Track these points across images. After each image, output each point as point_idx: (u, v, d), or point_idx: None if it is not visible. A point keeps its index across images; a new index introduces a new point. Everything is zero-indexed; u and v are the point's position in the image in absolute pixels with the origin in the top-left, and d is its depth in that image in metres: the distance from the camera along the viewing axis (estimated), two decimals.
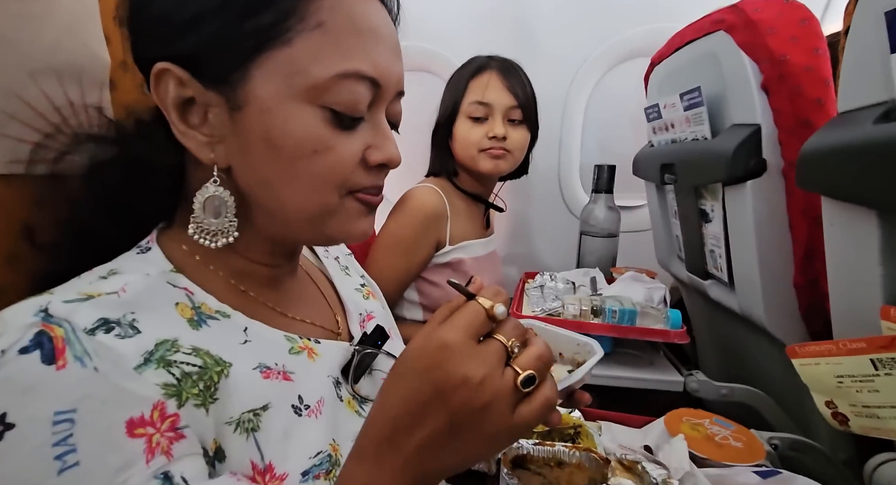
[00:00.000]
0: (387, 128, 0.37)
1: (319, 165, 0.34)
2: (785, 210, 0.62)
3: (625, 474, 0.41)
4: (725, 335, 0.90)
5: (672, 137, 0.86)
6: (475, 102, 0.92)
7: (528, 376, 0.28)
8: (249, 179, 0.35)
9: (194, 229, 0.35)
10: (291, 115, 0.33)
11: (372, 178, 0.37)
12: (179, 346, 0.30)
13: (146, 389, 0.27)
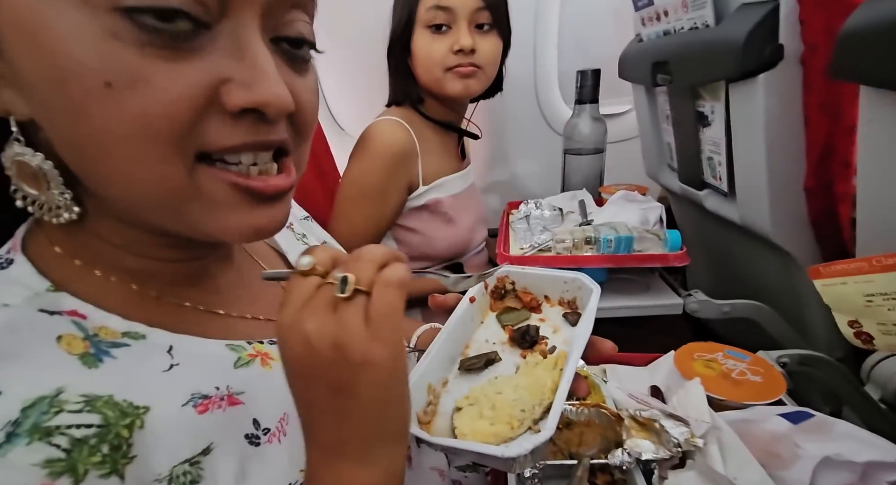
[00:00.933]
0: (259, 50, 0.24)
1: (126, 107, 0.21)
2: (800, 106, 0.54)
3: (641, 433, 0.38)
4: (720, 249, 0.86)
5: (665, 28, 0.73)
6: (433, 7, 0.75)
7: (340, 279, 0.23)
8: (54, 138, 0.24)
9: (27, 204, 0.26)
10: (64, 27, 0.21)
11: (240, 133, 0.24)
12: (63, 402, 0.22)
13: (18, 476, 0.20)
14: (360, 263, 0.24)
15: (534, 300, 0.42)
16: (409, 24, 0.77)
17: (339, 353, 0.22)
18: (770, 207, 0.61)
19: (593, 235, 0.70)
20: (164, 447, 0.24)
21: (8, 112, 0.24)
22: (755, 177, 0.61)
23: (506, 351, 0.39)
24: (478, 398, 0.34)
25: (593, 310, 0.36)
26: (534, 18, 1.07)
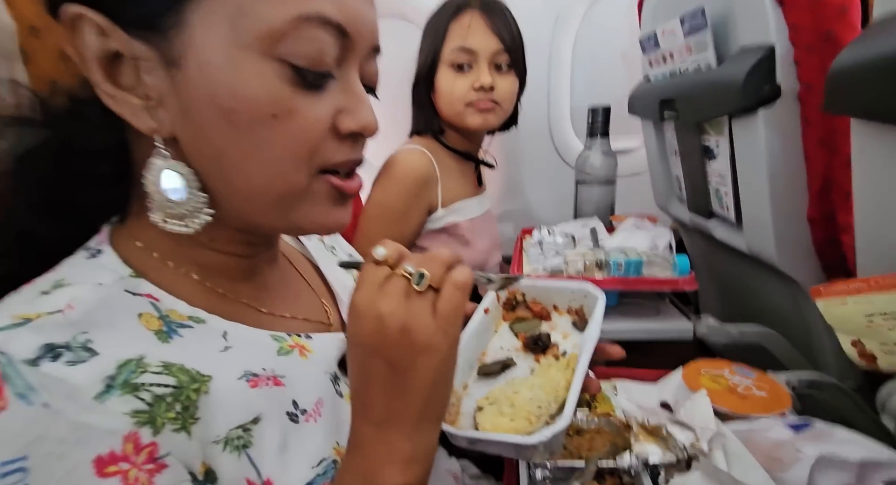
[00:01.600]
0: (360, 89, 0.31)
1: (282, 133, 0.28)
2: (800, 140, 0.57)
3: (649, 440, 0.39)
4: (729, 277, 0.88)
5: (671, 70, 0.79)
6: (457, 49, 0.82)
7: (418, 275, 0.27)
8: (200, 151, 0.29)
9: (160, 215, 0.30)
10: (242, 71, 0.27)
11: (345, 150, 0.31)
12: (147, 365, 0.26)
13: (112, 420, 0.23)
14: (432, 262, 0.28)
15: (543, 310, 0.45)
16: (435, 63, 0.85)
17: (406, 336, 0.26)
18: (775, 237, 0.63)
19: (603, 259, 0.73)
20: (223, 413, 0.27)
21: (153, 131, 0.28)
22: (760, 207, 0.64)
23: (520, 357, 0.42)
24: (497, 398, 0.36)
25: (600, 315, 0.38)
26: (548, 59, 1.15)
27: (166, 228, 0.30)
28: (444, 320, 0.27)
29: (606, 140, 1.00)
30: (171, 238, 0.31)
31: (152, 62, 0.27)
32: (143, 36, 0.27)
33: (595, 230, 0.92)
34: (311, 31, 0.27)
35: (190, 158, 0.29)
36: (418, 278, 0.27)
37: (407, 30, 1.11)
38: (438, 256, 0.29)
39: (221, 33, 0.26)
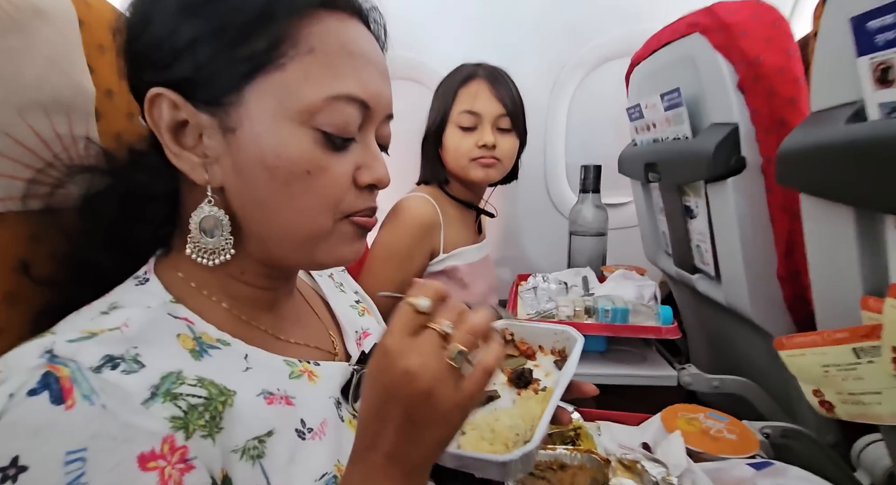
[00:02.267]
0: (376, 149, 0.38)
1: (314, 186, 0.34)
2: (766, 206, 0.64)
3: (625, 474, 0.42)
4: (714, 328, 0.92)
5: (654, 137, 0.88)
6: (464, 112, 0.92)
7: (456, 351, 0.29)
8: (244, 199, 0.35)
9: (192, 249, 0.35)
10: (285, 137, 0.33)
11: (363, 199, 0.37)
12: (184, 378, 0.30)
13: (155, 423, 0.27)
14: (468, 334, 0.30)
15: (529, 349, 0.49)
16: (444, 123, 0.94)
17: (428, 400, 0.29)
18: (749, 292, 0.69)
19: (592, 306, 0.78)
20: (242, 425, 0.32)
21: (206, 182, 0.35)
22: (735, 265, 0.70)
23: (504, 390, 0.45)
24: (479, 425, 0.40)
25: (577, 355, 0.43)
26: (545, 121, 1.26)
27: (196, 260, 0.35)
28: (467, 400, 0.30)
29: (598, 195, 1.08)
30: (206, 270, 0.37)
31: (213, 129, 0.34)
32: (208, 109, 0.34)
33: (587, 279, 0.98)
34: (340, 107, 0.34)
35: (234, 206, 0.35)
36: (458, 356, 0.29)
37: (417, 90, 1.23)
38: (475, 323, 0.31)
39: (271, 108, 0.33)
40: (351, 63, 0.35)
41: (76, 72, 0.44)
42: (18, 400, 0.25)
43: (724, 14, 0.63)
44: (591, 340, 0.81)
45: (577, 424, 0.54)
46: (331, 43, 0.34)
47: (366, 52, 0.36)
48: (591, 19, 1.17)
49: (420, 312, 0.31)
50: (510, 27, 1.21)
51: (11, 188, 0.37)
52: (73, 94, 0.43)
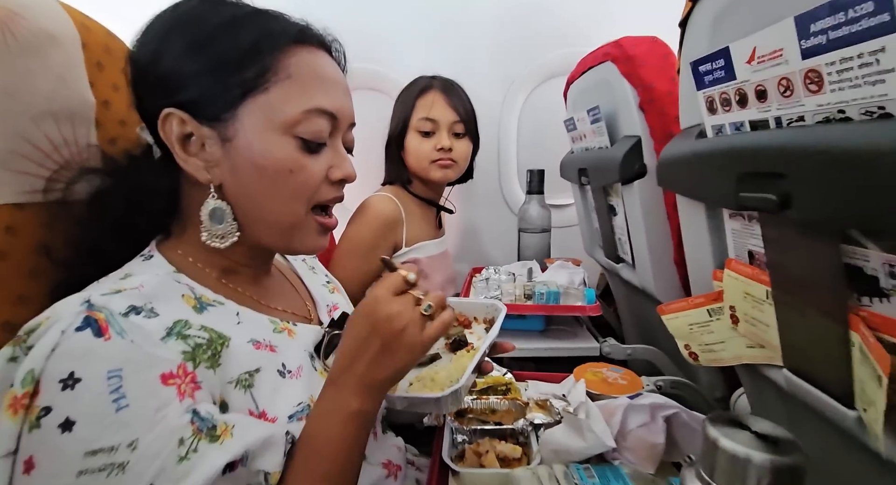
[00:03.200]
0: (343, 151, 0.49)
1: (295, 181, 0.45)
2: (663, 204, 0.79)
3: (539, 410, 0.54)
4: (637, 308, 1.07)
5: (585, 146, 1.02)
6: (423, 118, 1.04)
7: (427, 305, 0.42)
8: (238, 194, 0.45)
9: (207, 236, 0.45)
10: (271, 144, 0.43)
11: (334, 190, 0.48)
12: (190, 324, 0.40)
13: (171, 354, 0.37)
14: (436, 299, 0.42)
15: (466, 320, 0.60)
16: (405, 128, 1.06)
17: (402, 334, 0.40)
18: (653, 275, 0.83)
19: (532, 290, 0.91)
20: (236, 362, 0.41)
21: (209, 181, 0.44)
22: (643, 253, 0.84)
23: (444, 353, 0.57)
24: (423, 377, 0.51)
25: (500, 321, 0.54)
26: (498, 128, 1.39)
27: (210, 245, 0.45)
28: (428, 338, 0.41)
29: (542, 196, 1.22)
30: (202, 249, 0.46)
31: (213, 139, 0.44)
32: (209, 124, 0.43)
33: (531, 269, 1.11)
34: (314, 118, 0.44)
35: (231, 199, 0.45)
36: (427, 307, 0.41)
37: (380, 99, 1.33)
38: (440, 296, 0.43)
39: (259, 122, 0.43)
40: (320, 84, 0.45)
41: (80, 86, 0.52)
42: (68, 335, 0.34)
43: (628, 47, 0.77)
44: (530, 319, 0.94)
45: (508, 381, 0.66)
46: (304, 70, 0.44)
47: (331, 75, 0.47)
48: (535, 41, 1.31)
49: (406, 281, 0.42)
50: (464, 44, 1.34)
51: (30, 184, 0.46)
52: (77, 104, 0.51)
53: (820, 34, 0.34)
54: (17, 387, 0.32)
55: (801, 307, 0.43)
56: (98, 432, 0.32)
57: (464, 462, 0.50)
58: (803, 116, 0.38)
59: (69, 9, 0.51)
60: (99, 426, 0.33)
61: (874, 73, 0.31)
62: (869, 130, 0.31)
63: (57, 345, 0.33)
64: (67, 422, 0.32)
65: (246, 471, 0.38)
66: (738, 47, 0.43)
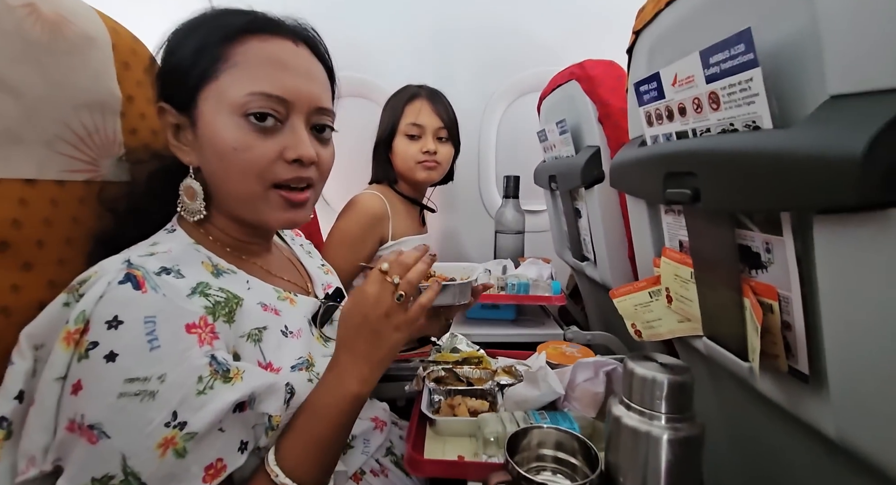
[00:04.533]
0: (302, 132, 0.50)
1: (241, 160, 0.48)
2: (619, 205, 0.90)
3: (505, 375, 0.63)
4: (601, 301, 1.18)
5: (555, 155, 1.13)
6: (411, 124, 1.14)
7: (399, 295, 0.48)
8: (207, 172, 0.51)
9: (182, 210, 0.52)
10: (222, 125, 0.48)
11: (292, 170, 0.50)
12: (210, 286, 0.47)
13: (195, 307, 0.44)
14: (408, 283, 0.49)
15: (445, 279, 0.69)
16: (393, 132, 1.15)
17: (387, 318, 0.48)
18: (610, 270, 0.94)
19: (504, 283, 1.00)
20: (248, 319, 0.49)
21: (190, 163, 0.51)
22: (602, 250, 0.95)
23: None
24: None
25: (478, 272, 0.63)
26: (478, 137, 1.50)
27: (185, 218, 0.52)
28: (411, 320, 0.49)
29: (517, 201, 1.32)
30: (210, 226, 0.54)
31: (186, 126, 0.50)
32: (183, 112, 0.50)
33: (506, 266, 1.20)
34: (258, 101, 0.48)
35: (206, 179, 0.51)
36: (399, 296, 0.48)
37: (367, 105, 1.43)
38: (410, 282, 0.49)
39: (212, 106, 0.48)
40: (268, 70, 0.49)
41: (110, 82, 0.59)
42: (113, 286, 0.41)
43: (589, 68, 0.89)
44: (503, 309, 1.04)
45: (480, 355, 0.75)
46: (251, 57, 0.49)
47: (282, 61, 0.50)
48: (511, 59, 1.43)
49: (382, 271, 0.49)
50: (447, 60, 1.45)
51: (70, 164, 0.53)
52: (107, 98, 0.59)
53: (715, 65, 0.45)
54: (71, 324, 0.39)
55: (711, 282, 0.53)
56: (135, 364, 0.40)
57: (439, 414, 0.59)
58: (710, 128, 0.49)
59: (103, 15, 0.58)
60: (136, 360, 0.40)
61: (748, 96, 0.41)
62: (746, 139, 0.42)
63: (104, 293, 0.41)
64: (111, 354, 0.39)
65: (252, 413, 0.46)
66: (665, 73, 0.54)
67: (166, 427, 0.39)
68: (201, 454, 0.41)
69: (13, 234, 0.45)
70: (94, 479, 0.38)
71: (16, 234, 0.45)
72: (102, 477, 0.38)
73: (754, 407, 0.55)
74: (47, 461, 0.39)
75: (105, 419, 0.38)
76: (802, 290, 0.41)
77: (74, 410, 0.39)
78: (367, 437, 0.60)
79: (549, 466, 0.45)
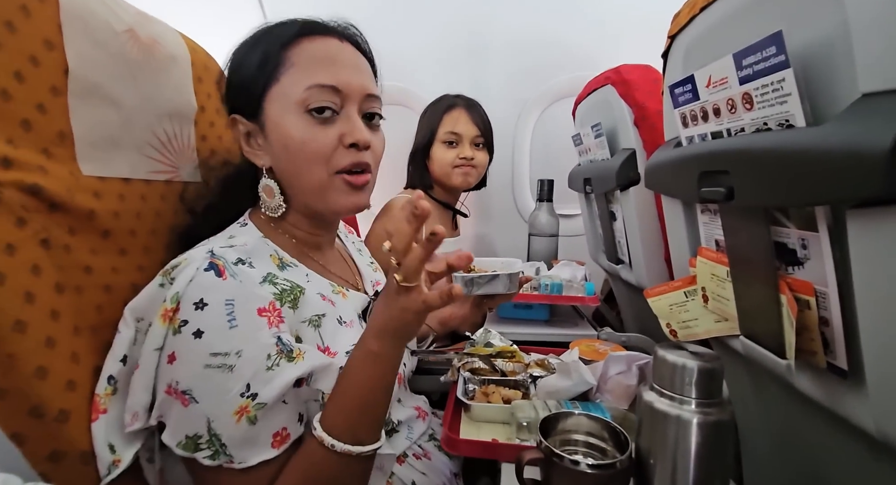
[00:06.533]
0: (356, 119, 0.54)
1: (308, 149, 0.53)
2: (655, 207, 0.90)
3: (538, 368, 0.65)
4: (636, 305, 1.17)
5: (590, 158, 1.15)
6: (449, 132, 1.20)
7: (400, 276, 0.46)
8: (279, 170, 0.56)
9: (264, 208, 0.58)
10: (288, 124, 0.53)
11: (350, 156, 0.54)
12: (277, 276, 0.53)
13: (266, 293, 0.49)
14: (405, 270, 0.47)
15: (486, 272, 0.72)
16: (431, 139, 1.21)
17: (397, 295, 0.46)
18: (646, 272, 0.94)
19: (538, 283, 1.02)
20: (309, 307, 0.54)
21: (263, 165, 0.57)
22: (638, 253, 0.95)
23: None
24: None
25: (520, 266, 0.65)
26: (512, 143, 1.53)
27: (266, 214, 0.57)
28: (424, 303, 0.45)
29: (551, 204, 1.34)
30: (282, 221, 0.59)
31: (257, 131, 0.56)
32: (253, 120, 0.56)
33: (539, 269, 1.22)
34: (317, 93, 0.52)
35: (278, 177, 0.57)
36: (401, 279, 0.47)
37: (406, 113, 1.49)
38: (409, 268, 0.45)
39: (278, 107, 0.54)
40: (320, 65, 0.54)
41: (188, 94, 0.67)
42: (199, 273, 0.47)
43: (625, 72, 0.90)
44: (536, 309, 1.05)
45: (513, 349, 0.77)
46: (305, 56, 0.54)
47: (332, 55, 0.55)
48: (545, 66, 1.46)
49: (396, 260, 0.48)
50: (482, 68, 1.49)
51: (155, 166, 0.60)
52: (185, 108, 0.66)
53: (748, 67, 0.46)
54: (168, 303, 0.46)
55: (747, 280, 0.54)
56: (217, 340, 0.45)
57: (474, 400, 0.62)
58: (744, 128, 0.50)
59: (184, 36, 0.66)
60: (218, 337, 0.45)
61: (781, 96, 0.43)
62: (779, 137, 0.43)
63: (192, 278, 0.47)
64: (198, 331, 0.45)
65: (308, 389, 0.50)
66: (700, 75, 0.55)
67: (241, 397, 0.45)
68: (269, 422, 0.46)
69: (114, 224, 0.52)
70: (187, 436, 0.44)
71: (116, 224, 0.52)
72: (193, 435, 0.44)
73: (794, 406, 0.55)
74: (153, 417, 0.46)
75: (194, 386, 0.44)
76: (839, 285, 0.42)
77: (171, 376, 0.45)
78: (411, 424, 0.64)
79: (580, 449, 0.47)
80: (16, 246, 0.41)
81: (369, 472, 0.50)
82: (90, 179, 0.51)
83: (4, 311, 0.39)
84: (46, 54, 0.45)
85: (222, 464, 0.44)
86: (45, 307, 0.43)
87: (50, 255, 0.44)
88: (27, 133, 0.44)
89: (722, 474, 0.41)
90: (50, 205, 0.45)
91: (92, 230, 0.50)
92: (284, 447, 0.47)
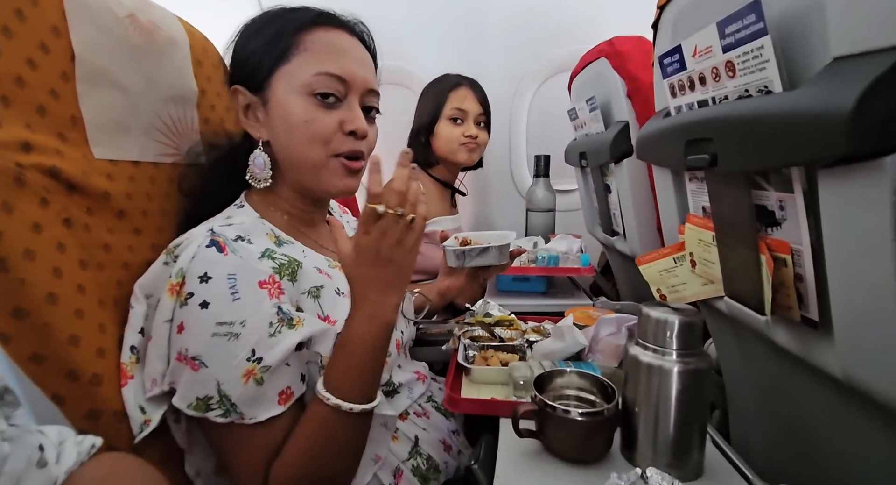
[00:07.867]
0: (357, 109, 0.58)
1: (310, 129, 0.56)
2: (647, 178, 0.92)
3: (534, 333, 0.69)
4: (631, 275, 1.21)
5: (586, 132, 1.16)
6: (455, 108, 1.23)
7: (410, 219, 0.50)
8: (277, 145, 0.59)
9: (250, 177, 0.60)
10: (293, 102, 0.56)
11: (348, 142, 0.57)
12: (275, 251, 0.56)
13: (265, 267, 0.53)
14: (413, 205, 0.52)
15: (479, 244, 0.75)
16: (436, 116, 1.23)
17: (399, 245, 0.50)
18: (639, 242, 0.97)
19: (535, 256, 1.05)
20: (307, 279, 0.57)
21: (260, 137, 0.59)
22: (631, 223, 0.98)
23: None
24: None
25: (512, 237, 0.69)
26: (509, 118, 1.54)
27: (253, 185, 0.59)
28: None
29: (548, 180, 1.36)
30: (272, 194, 0.62)
31: (258, 104, 0.58)
32: (256, 93, 0.58)
33: (536, 243, 1.25)
34: (324, 80, 0.56)
35: (274, 151, 0.59)
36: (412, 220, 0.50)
37: (403, 93, 1.49)
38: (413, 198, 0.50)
39: (285, 86, 0.56)
40: (330, 54, 0.57)
41: (188, 77, 0.69)
42: (202, 249, 0.50)
43: (618, 44, 0.91)
44: (533, 282, 1.09)
45: (511, 318, 0.81)
46: (317, 44, 0.57)
47: (343, 48, 0.58)
48: (541, 40, 1.45)
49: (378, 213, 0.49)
50: (478, 43, 1.49)
51: (162, 149, 0.62)
52: (187, 92, 0.68)
53: (730, 35, 0.48)
54: (174, 278, 0.49)
55: (731, 243, 0.57)
56: (222, 311, 0.48)
57: (474, 364, 0.66)
58: (727, 95, 0.52)
59: (182, 20, 0.67)
60: (223, 307, 0.49)
61: (760, 63, 0.44)
62: (756, 103, 0.45)
63: (195, 255, 0.50)
64: (204, 303, 0.48)
65: (308, 352, 0.54)
66: (687, 44, 0.57)
67: (247, 361, 0.48)
68: (275, 383, 0.50)
69: (127, 204, 0.55)
70: (198, 398, 0.48)
71: (129, 204, 0.55)
72: (204, 397, 0.48)
73: (774, 362, 0.58)
74: (165, 383, 0.49)
75: (203, 352, 0.48)
76: (812, 242, 0.45)
77: (181, 344, 0.48)
78: (412, 386, 0.68)
79: (571, 403, 0.51)
80: (42, 225, 0.43)
81: (368, 427, 0.55)
82: (102, 162, 0.53)
83: (38, 284, 0.42)
84: (55, 41, 0.47)
85: (234, 421, 0.48)
86: (72, 282, 0.46)
87: (72, 233, 0.47)
88: (43, 118, 0.46)
89: (700, 418, 0.45)
90: (68, 186, 0.47)
91: (108, 210, 0.53)
92: (290, 404, 0.51)
